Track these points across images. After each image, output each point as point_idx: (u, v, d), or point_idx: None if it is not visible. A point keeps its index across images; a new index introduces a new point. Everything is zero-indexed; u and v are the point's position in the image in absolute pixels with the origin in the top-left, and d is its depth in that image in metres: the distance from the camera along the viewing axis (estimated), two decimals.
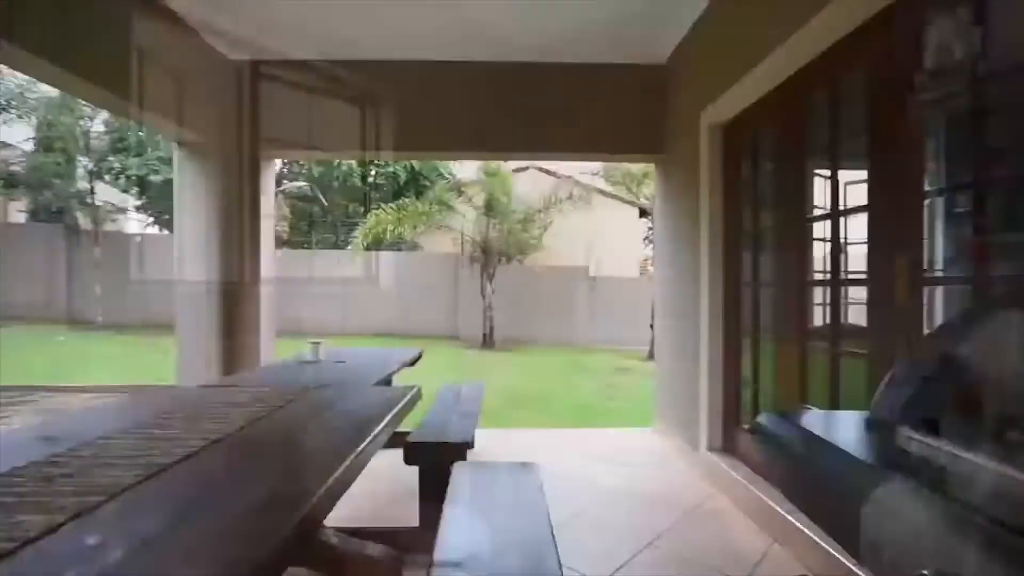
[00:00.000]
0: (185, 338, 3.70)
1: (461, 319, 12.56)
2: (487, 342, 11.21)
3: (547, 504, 1.75)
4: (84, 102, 11.04)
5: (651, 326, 10.27)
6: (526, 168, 16.18)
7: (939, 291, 1.92)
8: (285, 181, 13.25)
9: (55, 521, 0.88)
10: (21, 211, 16.65)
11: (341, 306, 12.74)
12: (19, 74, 10.83)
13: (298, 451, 1.27)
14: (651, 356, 10.03)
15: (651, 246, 16.34)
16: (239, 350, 3.87)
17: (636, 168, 10.81)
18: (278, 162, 4.33)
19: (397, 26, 3.44)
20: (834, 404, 2.27)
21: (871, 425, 1.04)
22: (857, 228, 2.23)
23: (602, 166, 11.38)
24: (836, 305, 2.33)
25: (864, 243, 2.10)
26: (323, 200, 13.91)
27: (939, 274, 1.89)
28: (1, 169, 12.76)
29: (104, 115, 12.59)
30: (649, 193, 10.95)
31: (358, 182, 14.27)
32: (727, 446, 3.14)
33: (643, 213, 16.03)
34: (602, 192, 13.68)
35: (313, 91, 3.92)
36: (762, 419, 1.18)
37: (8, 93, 12.00)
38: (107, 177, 14.15)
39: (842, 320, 2.36)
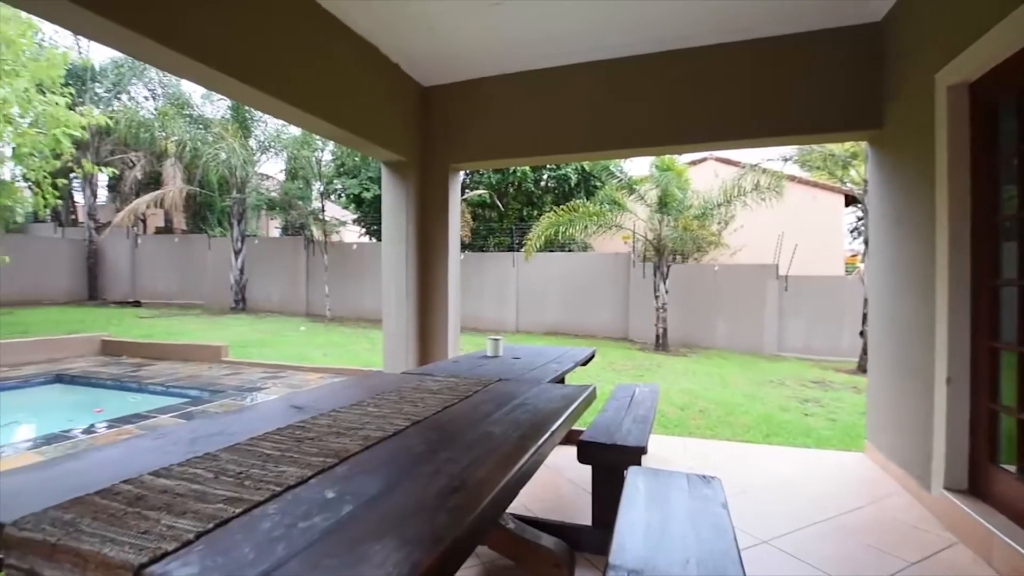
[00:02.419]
0: (389, 330, 4.28)
1: (632, 320, 12.27)
2: (660, 344, 10.74)
3: (733, 523, 1.60)
4: (318, 137, 13.59)
5: (861, 333, 8.77)
6: (703, 160, 15.14)
7: None
8: (467, 190, 14.49)
9: (305, 475, 1.09)
10: (276, 227, 21.20)
11: (515, 305, 13.46)
12: (278, 120, 13.90)
13: (486, 439, 1.37)
14: (861, 368, 8.56)
15: (861, 239, 13.92)
16: (431, 343, 4.35)
17: (841, 148, 9.30)
18: (462, 173, 4.75)
19: (568, 31, 3.49)
20: None
21: None
22: None
23: (796, 150, 10.03)
24: None
25: None
26: (500, 205, 14.85)
27: None
28: (264, 195, 16.37)
29: (331, 145, 15.32)
30: (858, 177, 9.33)
31: (531, 187, 14.90)
32: (976, 487, 2.50)
33: (851, 201, 13.77)
34: (796, 180, 12.10)
35: (493, 105, 4.20)
36: None
37: (270, 136, 15.36)
38: (332, 197, 17.18)
39: None
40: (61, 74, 8.42)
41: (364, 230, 17.05)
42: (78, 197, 18.85)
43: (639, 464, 2.24)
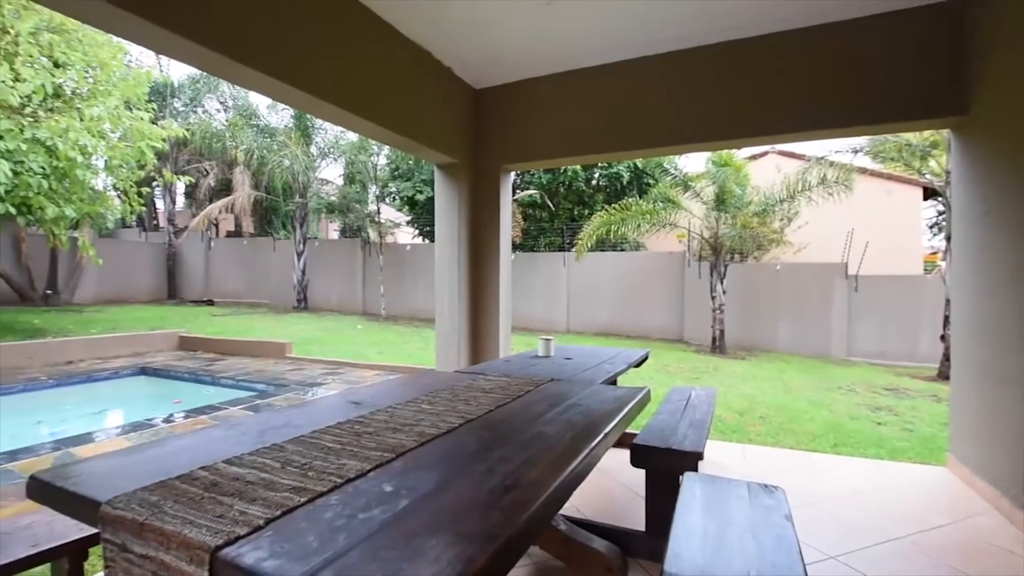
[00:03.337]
0: (442, 330, 4.37)
1: (688, 321, 11.91)
2: (717, 346, 10.36)
3: (797, 536, 1.52)
4: (374, 142, 14.07)
5: (943, 337, 8.11)
6: (764, 154, 14.49)
7: None
8: (518, 190, 14.55)
9: (364, 468, 1.13)
10: (335, 230, 22.09)
11: (565, 305, 13.38)
12: (335, 126, 14.55)
13: (538, 439, 1.37)
14: (941, 375, 7.92)
15: (942, 235, 12.86)
16: (482, 342, 4.39)
17: (918, 138, 8.63)
18: (513, 174, 4.77)
19: (619, 27, 3.43)
20: None
21: None
22: None
23: (867, 141, 9.40)
24: None
25: None
26: (550, 205, 14.81)
27: None
28: (324, 199, 17.10)
29: (386, 150, 15.80)
30: (939, 167, 8.63)
31: (582, 186, 14.77)
32: None
33: (930, 194, 12.77)
34: (868, 172, 11.34)
35: (544, 105, 4.20)
36: None
37: (329, 143, 16.04)
38: (387, 200, 17.72)
39: None
40: (145, 91, 9.16)
41: (417, 231, 17.46)
42: (159, 204, 20.40)
43: (695, 470, 2.17)
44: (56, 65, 7.57)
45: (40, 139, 7.12)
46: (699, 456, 2.23)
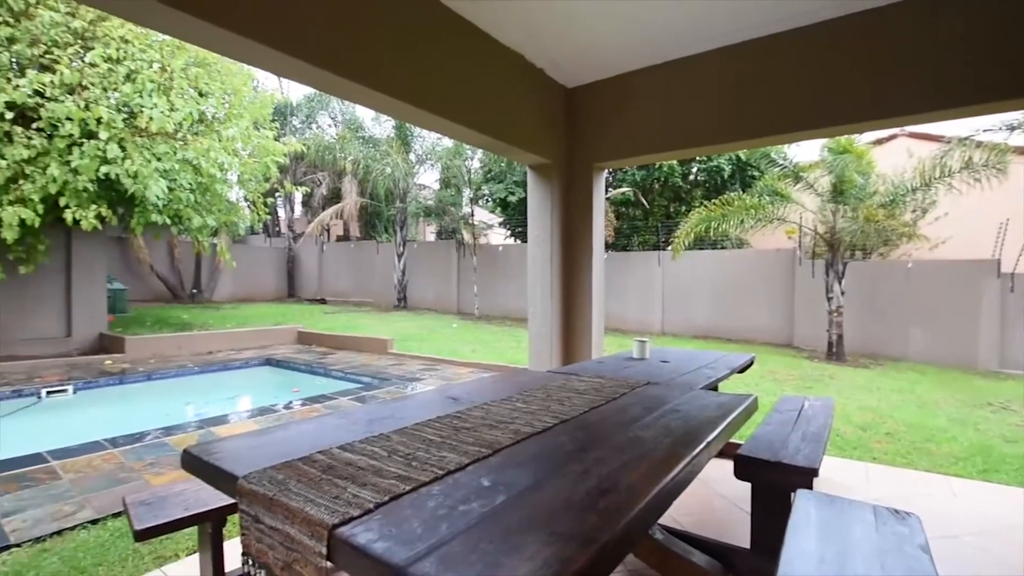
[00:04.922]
0: (534, 330, 4.40)
1: (799, 324, 10.95)
2: (833, 353, 9.41)
3: (936, 571, 1.34)
4: (467, 146, 14.55)
5: None
6: (891, 137, 12.96)
7: None
8: (610, 188, 14.27)
9: (463, 462, 1.17)
10: (432, 232, 23.14)
11: (660, 306, 12.89)
12: (432, 134, 15.30)
13: (636, 443, 1.33)
14: None
15: None
16: (575, 342, 4.36)
17: None
18: (605, 172, 4.69)
19: (717, 9, 3.23)
20: None
21: None
22: None
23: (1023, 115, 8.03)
24: None
25: None
26: (644, 203, 14.36)
27: None
28: (422, 204, 18.00)
29: (480, 154, 16.27)
30: None
31: (679, 181, 14.14)
32: None
33: None
34: None
35: (637, 100, 4.08)
36: None
37: (427, 150, 16.85)
38: (480, 202, 18.23)
39: None
40: (270, 112, 10.25)
41: (509, 232, 17.77)
42: (280, 212, 22.69)
43: (810, 487, 1.98)
44: (200, 94, 8.71)
45: (188, 159, 8.23)
46: (814, 473, 2.03)
